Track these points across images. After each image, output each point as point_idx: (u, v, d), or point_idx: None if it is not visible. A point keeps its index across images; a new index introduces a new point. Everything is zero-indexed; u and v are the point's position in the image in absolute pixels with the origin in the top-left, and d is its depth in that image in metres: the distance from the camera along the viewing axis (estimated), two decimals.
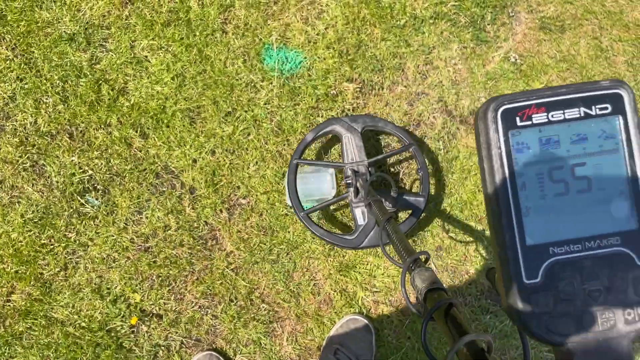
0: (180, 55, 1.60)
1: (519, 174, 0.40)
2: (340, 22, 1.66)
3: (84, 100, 1.57)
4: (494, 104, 0.40)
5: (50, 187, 1.54)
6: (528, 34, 1.73)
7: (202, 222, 1.56)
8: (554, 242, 0.40)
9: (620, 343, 0.39)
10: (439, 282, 0.82)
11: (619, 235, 0.40)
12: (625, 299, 0.39)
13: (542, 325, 0.39)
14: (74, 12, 1.62)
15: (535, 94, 0.41)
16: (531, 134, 0.41)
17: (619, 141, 0.41)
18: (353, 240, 1.43)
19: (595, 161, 0.41)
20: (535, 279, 0.39)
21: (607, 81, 0.41)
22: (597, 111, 0.41)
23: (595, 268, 0.40)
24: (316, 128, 1.50)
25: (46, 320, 1.50)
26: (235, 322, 1.53)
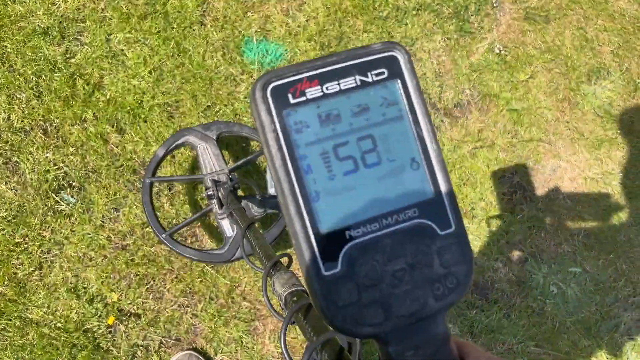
0: (157, 49, 1.57)
1: (302, 157, 0.36)
2: (322, 13, 1.63)
3: (59, 96, 1.53)
4: (260, 82, 0.36)
5: (24, 184, 1.50)
6: (512, 25, 1.70)
7: (180, 219, 1.52)
8: (349, 225, 0.36)
9: (434, 320, 0.36)
10: (299, 284, 0.80)
11: (416, 206, 0.37)
12: (432, 273, 0.36)
13: (350, 319, 0.35)
14: (48, 6, 1.58)
15: (305, 66, 0.37)
16: (308, 111, 0.36)
17: (402, 107, 0.38)
18: (224, 254, 1.34)
19: (381, 131, 0.37)
20: (334, 269, 0.35)
21: (378, 44, 0.38)
22: (373, 77, 0.38)
23: (397, 245, 0.36)
24: (167, 142, 1.39)
25: (21, 321, 1.46)
26: (216, 321, 1.49)
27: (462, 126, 1.65)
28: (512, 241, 1.64)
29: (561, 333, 1.59)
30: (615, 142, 1.72)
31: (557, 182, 1.69)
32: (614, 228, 1.68)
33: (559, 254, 1.64)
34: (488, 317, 1.57)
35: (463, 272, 0.37)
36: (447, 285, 0.37)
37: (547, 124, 1.70)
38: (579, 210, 1.68)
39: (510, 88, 1.69)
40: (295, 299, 0.77)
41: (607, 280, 1.65)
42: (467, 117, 1.66)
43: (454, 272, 0.37)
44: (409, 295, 0.36)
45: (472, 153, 1.65)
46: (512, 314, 1.59)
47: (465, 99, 1.66)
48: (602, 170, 1.71)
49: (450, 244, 0.37)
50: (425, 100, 0.38)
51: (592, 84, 1.72)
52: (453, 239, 0.37)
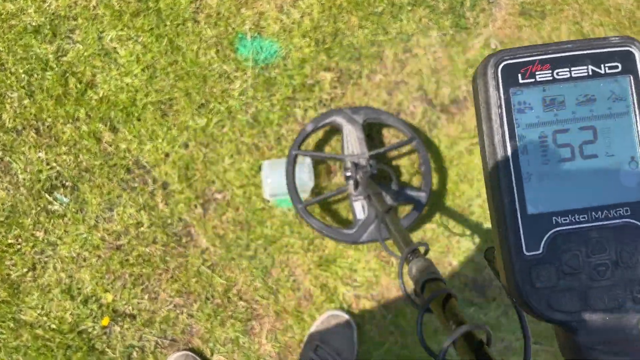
0: (150, 46, 1.55)
1: (521, 137, 0.37)
2: (316, 9, 1.61)
3: (51, 94, 1.51)
4: (494, 58, 0.37)
5: (17, 184, 1.48)
6: (508, 20, 1.69)
7: (175, 218, 1.50)
8: (557, 211, 0.36)
9: (628, 322, 0.36)
10: (437, 273, 0.80)
11: (629, 205, 0.36)
12: (634, 274, 0.36)
13: (543, 301, 0.36)
14: (39, 3, 1.56)
15: (539, 49, 0.37)
16: (534, 93, 0.37)
17: (629, 103, 0.37)
18: (352, 235, 1.39)
19: (604, 124, 0.37)
20: (536, 251, 0.36)
21: (617, 37, 0.37)
22: (606, 70, 0.37)
23: (602, 240, 0.36)
24: (316, 119, 1.46)
25: (14, 322, 1.44)
26: (212, 321, 1.48)
27: (459, 122, 1.64)
28: None
29: None
30: None
31: None
32: None
33: None
34: (486, 314, 1.56)
35: None
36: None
37: None
38: None
39: None
40: (434, 287, 0.76)
41: None
42: (463, 113, 1.65)
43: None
44: (608, 292, 0.36)
45: (469, 150, 1.64)
46: (510, 311, 1.58)
47: (461, 95, 1.65)
48: None
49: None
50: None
51: None
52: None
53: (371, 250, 1.55)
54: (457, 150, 1.63)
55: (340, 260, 1.54)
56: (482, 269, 1.60)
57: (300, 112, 1.56)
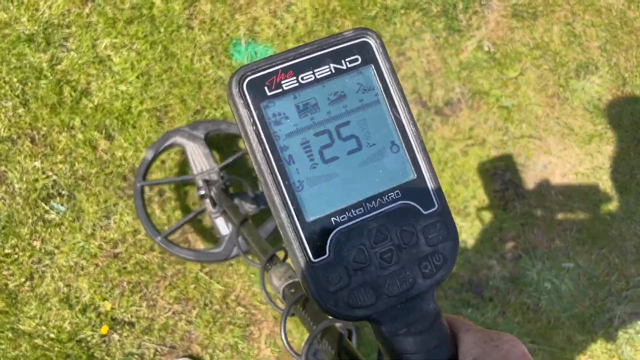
0: (144, 53, 1.55)
1: (283, 148, 0.37)
2: (310, 14, 1.62)
3: (45, 103, 1.51)
4: (236, 77, 0.36)
5: (13, 194, 1.48)
6: (501, 22, 1.70)
7: (173, 223, 1.50)
8: (334, 211, 0.37)
9: (423, 298, 0.37)
10: (295, 275, 0.81)
11: (398, 188, 0.38)
12: (418, 252, 0.37)
13: (342, 303, 0.36)
14: (32, 12, 1.55)
15: (279, 58, 0.37)
16: (286, 102, 0.37)
17: (377, 92, 0.38)
18: (221, 253, 1.34)
19: (359, 117, 0.38)
20: (323, 256, 0.36)
21: (350, 31, 0.38)
22: (347, 65, 0.38)
23: (382, 228, 0.37)
24: (154, 144, 1.39)
25: (13, 332, 1.44)
26: (211, 327, 1.48)
27: (453, 124, 1.65)
28: (505, 238, 1.65)
29: (556, 328, 1.60)
30: (605, 137, 1.73)
31: (549, 178, 1.70)
32: (606, 222, 1.69)
33: (552, 250, 1.65)
34: (483, 314, 1.57)
35: (449, 249, 0.38)
36: (435, 263, 0.37)
37: (537, 120, 1.71)
38: (570, 205, 1.69)
39: (500, 85, 1.69)
40: (293, 290, 0.77)
41: (600, 274, 1.66)
42: (457, 115, 1.66)
43: (440, 250, 0.37)
44: (398, 276, 0.37)
45: (464, 151, 1.65)
46: (507, 311, 1.59)
47: (455, 97, 1.66)
48: (592, 165, 1.71)
49: (435, 223, 0.37)
50: (400, 83, 0.38)
51: (581, 80, 1.73)
52: (437, 217, 0.38)
53: None
54: (452, 152, 1.64)
55: None
56: (478, 270, 1.61)
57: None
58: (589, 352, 1.61)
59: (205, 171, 1.37)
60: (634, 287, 1.66)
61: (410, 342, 0.36)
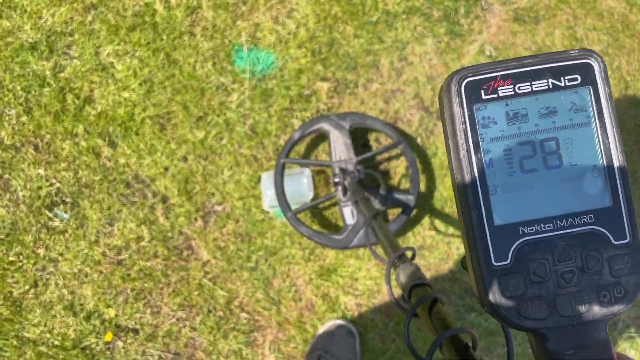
0: (147, 60, 1.55)
1: (486, 151, 0.38)
2: (312, 20, 1.62)
3: (49, 111, 1.51)
4: (457, 76, 0.38)
5: (17, 202, 1.48)
6: (502, 26, 1.70)
7: (176, 231, 1.51)
8: (523, 221, 0.37)
9: (596, 326, 0.37)
10: (424, 278, 0.81)
11: (593, 213, 0.38)
12: (600, 280, 0.37)
13: (513, 310, 0.37)
14: (35, 20, 1.56)
15: (501, 65, 0.38)
16: (497, 108, 0.38)
17: (590, 114, 0.39)
18: (342, 240, 1.40)
19: (566, 135, 0.38)
20: (504, 261, 0.37)
21: (575, 50, 0.39)
22: (566, 82, 0.39)
23: (568, 248, 0.37)
24: (303, 126, 1.47)
25: (17, 340, 1.44)
26: (215, 333, 1.49)
27: None
28: None
29: None
30: None
31: None
32: None
33: None
34: (487, 319, 1.57)
35: (632, 283, 0.37)
36: (614, 294, 0.37)
37: None
38: None
39: None
40: (421, 292, 0.77)
41: None
42: None
43: (623, 283, 0.37)
44: (575, 298, 0.37)
45: None
46: None
47: None
48: None
49: (623, 254, 0.37)
50: (615, 110, 0.39)
51: None
52: (627, 250, 0.38)
53: (372, 258, 1.56)
54: None
55: (341, 269, 1.54)
56: None
57: (297, 122, 1.57)
58: None
59: (343, 160, 1.44)
60: None
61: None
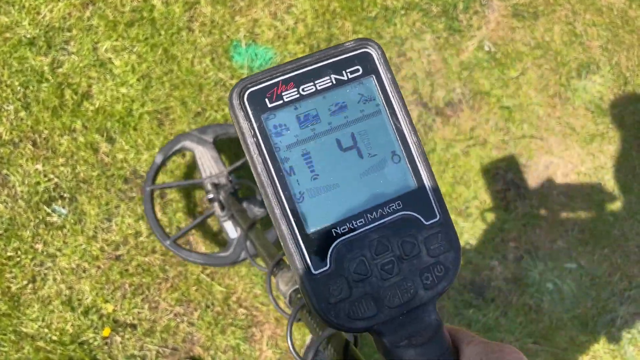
0: (145, 56, 1.55)
1: (284, 159, 0.37)
2: (310, 16, 1.62)
3: (47, 106, 1.51)
4: (236, 89, 0.37)
5: (15, 197, 1.48)
6: (501, 22, 1.70)
7: (174, 226, 1.51)
8: (335, 222, 0.37)
9: (425, 309, 0.37)
10: None
11: (400, 198, 0.38)
12: (420, 263, 0.37)
13: (342, 314, 0.36)
14: (33, 16, 1.56)
15: (279, 70, 0.37)
16: (287, 114, 0.37)
17: (379, 102, 0.38)
18: (229, 256, 1.35)
19: (360, 127, 0.38)
20: (324, 267, 0.36)
21: (351, 42, 0.38)
22: (348, 75, 0.38)
23: (383, 239, 0.37)
24: (164, 148, 1.40)
25: (16, 335, 1.44)
26: (213, 329, 1.49)
27: (454, 125, 1.65)
28: (507, 239, 1.64)
29: (558, 329, 1.60)
30: (607, 137, 1.72)
31: (550, 178, 1.69)
32: (608, 222, 1.69)
33: (554, 250, 1.65)
34: (485, 315, 1.57)
35: (451, 259, 0.38)
36: (436, 274, 0.37)
37: (539, 120, 1.70)
38: (572, 205, 1.68)
39: (501, 85, 1.69)
40: (299, 296, 0.77)
41: (602, 275, 1.65)
42: (458, 115, 1.65)
43: (442, 261, 0.37)
44: (399, 287, 0.37)
45: (465, 152, 1.65)
46: (509, 311, 1.59)
47: (456, 98, 1.66)
48: (594, 165, 1.71)
49: (436, 233, 0.38)
50: (401, 93, 0.38)
51: (582, 79, 1.72)
52: (439, 227, 0.38)
53: None
54: (453, 152, 1.64)
55: None
56: (480, 271, 1.61)
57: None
58: (591, 352, 1.61)
59: (214, 175, 1.37)
60: (636, 288, 1.65)
61: (411, 354, 0.36)
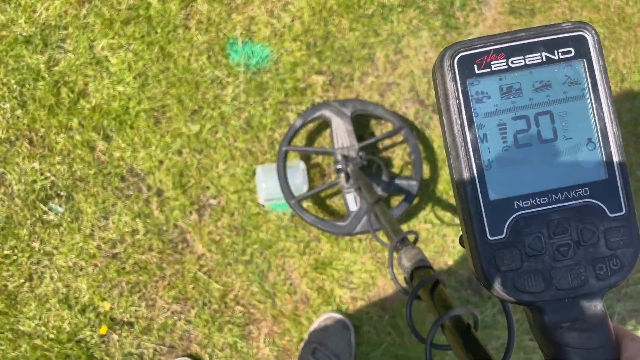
0: (141, 54, 1.55)
1: (480, 126, 0.38)
2: (307, 13, 1.62)
3: (43, 104, 1.51)
4: (449, 51, 0.37)
5: (11, 195, 1.48)
6: (498, 19, 1.70)
7: (171, 225, 1.51)
8: (518, 195, 0.37)
9: (592, 299, 0.37)
10: (426, 261, 0.81)
11: (588, 186, 0.38)
12: (596, 252, 0.37)
13: (509, 284, 0.37)
14: (29, 14, 1.56)
15: (493, 39, 0.38)
16: (491, 82, 0.38)
17: (584, 87, 0.38)
18: (346, 227, 1.41)
19: (561, 109, 0.38)
20: (500, 235, 0.37)
21: (569, 23, 0.38)
22: (559, 55, 0.38)
23: (564, 221, 0.37)
24: (305, 113, 1.47)
25: (12, 333, 1.45)
26: (210, 327, 1.49)
27: None
28: None
29: None
30: None
31: None
32: None
33: None
34: (482, 312, 1.57)
35: (629, 256, 0.37)
36: (611, 267, 0.37)
37: None
38: None
39: None
40: (423, 274, 0.77)
41: None
42: None
43: (619, 255, 0.37)
44: (571, 271, 0.37)
45: None
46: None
47: None
48: None
49: (619, 227, 0.37)
50: (609, 83, 0.38)
51: None
52: (623, 222, 0.37)
53: (367, 251, 1.56)
54: None
55: (336, 262, 1.54)
56: None
57: (292, 116, 1.56)
58: None
59: (346, 147, 1.44)
60: (633, 285, 1.65)
61: (574, 337, 0.36)
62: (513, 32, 0.38)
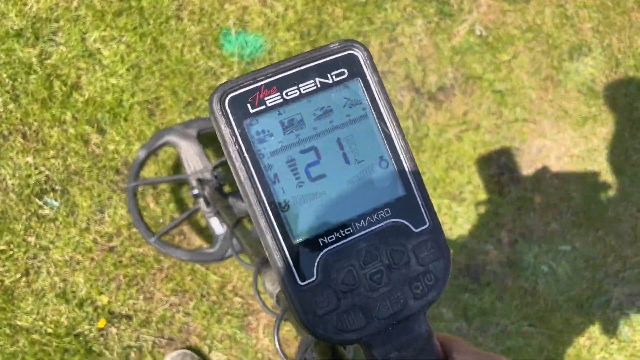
0: (134, 46, 1.54)
1: (268, 167, 0.35)
2: (300, 2, 1.61)
3: (36, 98, 1.50)
4: (217, 93, 0.35)
5: (6, 190, 1.47)
6: (492, 5, 1.69)
7: (167, 217, 1.50)
8: (322, 232, 0.35)
9: (415, 320, 0.36)
10: None
11: (388, 206, 0.36)
12: (410, 272, 0.36)
13: (331, 327, 0.35)
14: (20, 7, 1.54)
15: (261, 73, 0.36)
16: (270, 119, 0.36)
17: (365, 106, 0.37)
18: (216, 252, 1.34)
19: (346, 133, 0.36)
20: (311, 278, 0.35)
21: (335, 44, 0.37)
22: (333, 78, 0.37)
23: (372, 248, 0.36)
24: (147, 144, 1.38)
25: (10, 328, 1.44)
26: (209, 318, 1.48)
27: (447, 110, 1.64)
28: (501, 223, 1.64)
29: (554, 311, 1.60)
30: (599, 119, 1.72)
31: (544, 162, 1.69)
32: (602, 204, 1.69)
33: (549, 233, 1.65)
34: (481, 299, 1.57)
35: (441, 268, 0.36)
36: (426, 283, 0.36)
37: (531, 104, 1.70)
38: (566, 188, 1.69)
39: (493, 69, 1.68)
40: None
41: (596, 256, 1.66)
42: (451, 100, 1.65)
43: (432, 269, 0.36)
44: (389, 297, 0.35)
45: (458, 136, 1.64)
46: (505, 295, 1.59)
47: (448, 82, 1.65)
48: (587, 148, 1.71)
49: (426, 241, 0.36)
50: (388, 96, 0.37)
51: (574, 62, 1.72)
52: (428, 235, 0.36)
53: None
54: (446, 137, 1.63)
55: None
56: (475, 255, 1.61)
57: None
58: (587, 334, 1.61)
59: (199, 170, 1.34)
60: (630, 269, 1.66)
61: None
62: (279, 62, 0.36)
